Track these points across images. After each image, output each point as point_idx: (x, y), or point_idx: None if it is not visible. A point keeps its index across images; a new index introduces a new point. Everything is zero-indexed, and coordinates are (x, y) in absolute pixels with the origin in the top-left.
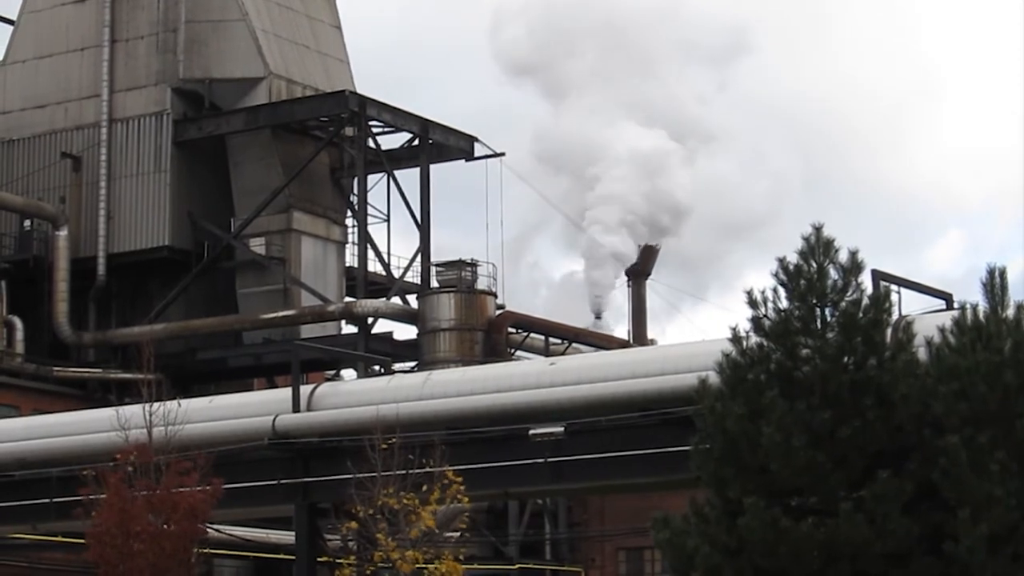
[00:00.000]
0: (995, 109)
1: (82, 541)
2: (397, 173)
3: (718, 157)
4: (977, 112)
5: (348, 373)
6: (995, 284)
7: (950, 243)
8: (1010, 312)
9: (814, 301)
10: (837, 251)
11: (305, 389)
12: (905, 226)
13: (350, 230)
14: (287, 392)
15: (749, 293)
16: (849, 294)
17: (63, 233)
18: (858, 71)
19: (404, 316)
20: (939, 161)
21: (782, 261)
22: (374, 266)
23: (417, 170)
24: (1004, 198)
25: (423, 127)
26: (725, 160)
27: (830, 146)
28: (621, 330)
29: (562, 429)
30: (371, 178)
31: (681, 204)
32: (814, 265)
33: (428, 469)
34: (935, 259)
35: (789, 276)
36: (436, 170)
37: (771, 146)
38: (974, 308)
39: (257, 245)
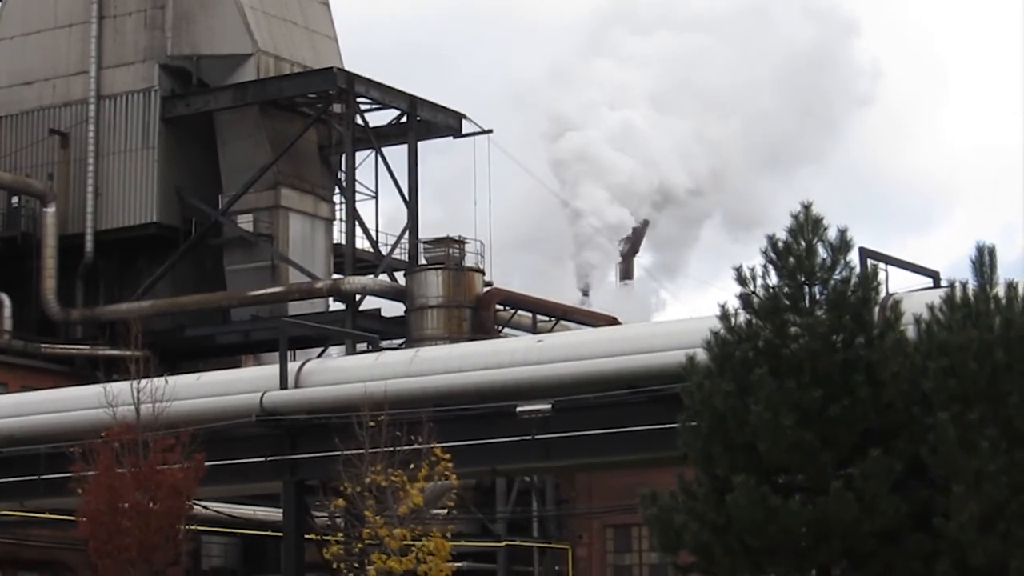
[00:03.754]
0: (999, 95)
1: (70, 518)
2: (385, 150)
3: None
4: (982, 98)
5: (336, 350)
6: (984, 262)
7: (951, 228)
8: (1000, 290)
9: (803, 279)
10: (826, 229)
11: (293, 366)
12: (904, 212)
13: (338, 207)
14: (275, 369)
15: (738, 270)
16: (838, 272)
17: (51, 210)
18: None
19: (392, 293)
20: (941, 146)
21: (771, 239)
22: (362, 243)
23: (405, 147)
24: (1006, 182)
25: (411, 104)
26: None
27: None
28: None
29: (550, 406)
30: (359, 155)
31: (678, 184)
32: (803, 243)
33: (416, 446)
34: (935, 244)
35: (778, 254)
36: (424, 147)
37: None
38: (963, 286)
39: (245, 222)
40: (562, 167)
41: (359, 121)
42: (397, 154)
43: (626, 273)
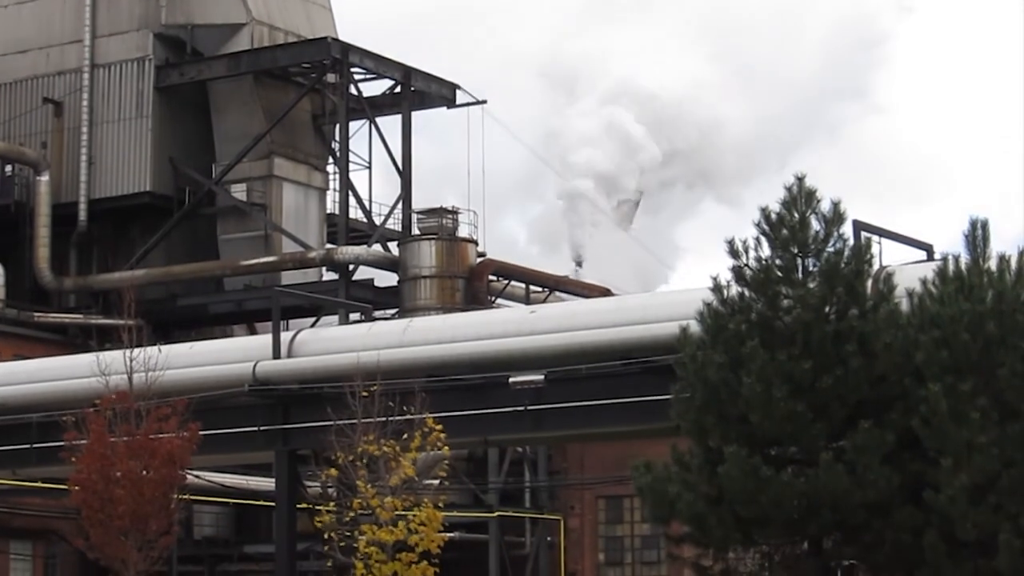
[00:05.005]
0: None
1: (62, 487)
2: (379, 120)
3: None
4: (984, 73)
5: (329, 320)
6: (977, 236)
7: (950, 202)
8: (992, 263)
9: (796, 251)
10: (819, 201)
11: (286, 335)
12: (902, 185)
13: (331, 177)
14: (267, 339)
15: (731, 242)
16: (831, 244)
17: (44, 178)
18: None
19: (385, 263)
20: (941, 120)
21: (764, 211)
22: (355, 213)
23: (399, 117)
24: (1006, 157)
25: (405, 74)
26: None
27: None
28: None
29: (542, 377)
30: (353, 125)
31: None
32: (796, 215)
33: (408, 416)
34: (934, 218)
35: (771, 226)
36: (418, 117)
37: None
38: (956, 259)
39: (238, 191)
40: (561, 135)
41: (353, 91)
42: (391, 124)
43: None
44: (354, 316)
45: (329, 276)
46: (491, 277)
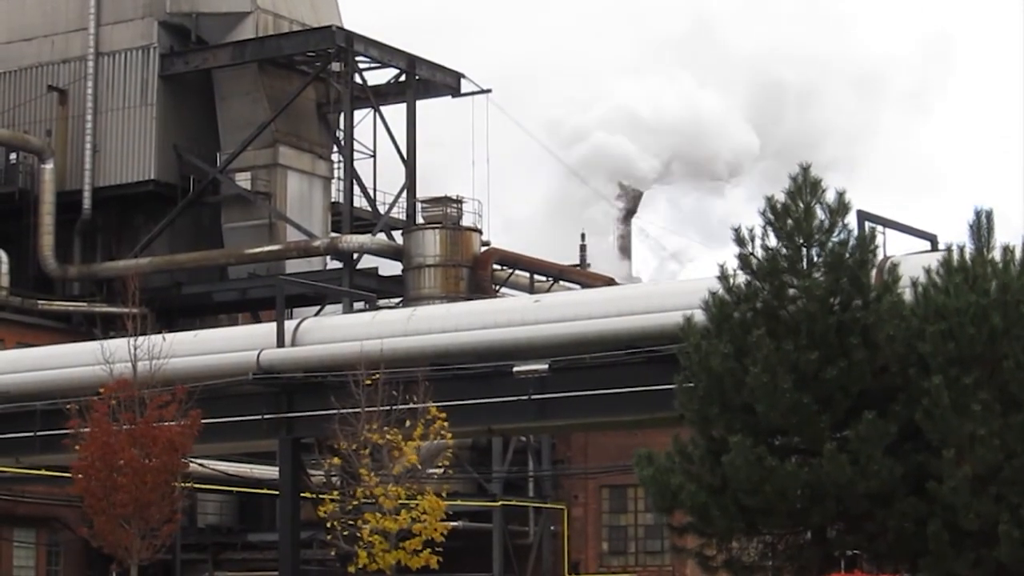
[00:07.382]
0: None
1: (66, 475)
2: (383, 109)
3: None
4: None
5: (333, 308)
6: (982, 226)
7: (955, 192)
8: (996, 254)
9: (801, 241)
10: (824, 191)
11: (290, 324)
12: (908, 175)
13: (336, 165)
14: (272, 327)
15: (737, 231)
16: (835, 234)
17: (49, 166)
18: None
19: (389, 252)
20: (944, 110)
21: (770, 200)
22: (360, 202)
23: (403, 106)
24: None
25: (410, 63)
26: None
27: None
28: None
29: (546, 366)
30: (357, 113)
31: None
32: (801, 205)
33: (412, 405)
34: (940, 208)
35: (776, 215)
36: (423, 106)
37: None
38: (960, 249)
39: (243, 180)
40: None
41: (358, 79)
42: (396, 113)
43: (624, 236)
44: (358, 305)
45: (333, 265)
46: (495, 266)
